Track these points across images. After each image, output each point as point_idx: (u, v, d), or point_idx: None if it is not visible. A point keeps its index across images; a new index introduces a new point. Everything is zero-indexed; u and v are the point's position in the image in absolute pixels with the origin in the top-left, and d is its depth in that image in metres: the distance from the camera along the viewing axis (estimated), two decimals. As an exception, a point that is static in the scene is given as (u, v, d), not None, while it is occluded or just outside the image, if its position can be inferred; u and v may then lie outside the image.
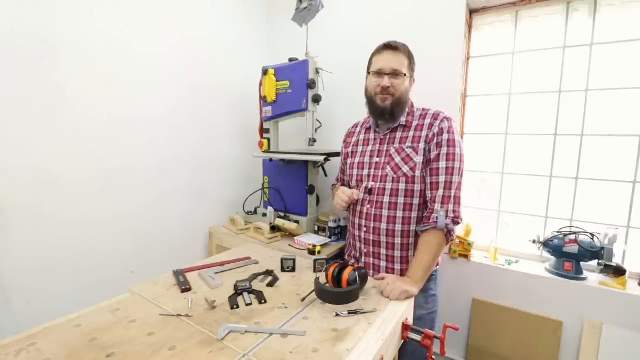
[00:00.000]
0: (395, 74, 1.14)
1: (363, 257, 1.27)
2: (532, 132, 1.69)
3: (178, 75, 1.74)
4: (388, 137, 1.23)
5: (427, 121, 1.17)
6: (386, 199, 1.17)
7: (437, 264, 1.24)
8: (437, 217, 1.08)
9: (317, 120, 1.88)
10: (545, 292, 1.55)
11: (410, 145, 1.17)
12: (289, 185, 1.84)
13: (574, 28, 1.56)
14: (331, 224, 1.67)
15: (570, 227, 1.59)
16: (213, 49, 1.93)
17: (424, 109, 1.23)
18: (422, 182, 1.15)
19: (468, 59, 1.79)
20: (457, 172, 1.11)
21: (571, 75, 1.58)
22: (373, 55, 1.22)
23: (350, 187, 1.33)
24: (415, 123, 1.20)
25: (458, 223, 1.10)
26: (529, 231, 1.70)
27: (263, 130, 1.91)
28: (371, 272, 1.23)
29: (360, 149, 1.30)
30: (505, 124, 1.75)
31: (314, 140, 1.73)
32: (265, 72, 1.78)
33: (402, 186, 1.15)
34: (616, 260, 1.43)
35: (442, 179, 1.11)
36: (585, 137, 1.57)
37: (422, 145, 1.15)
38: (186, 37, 1.76)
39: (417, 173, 1.14)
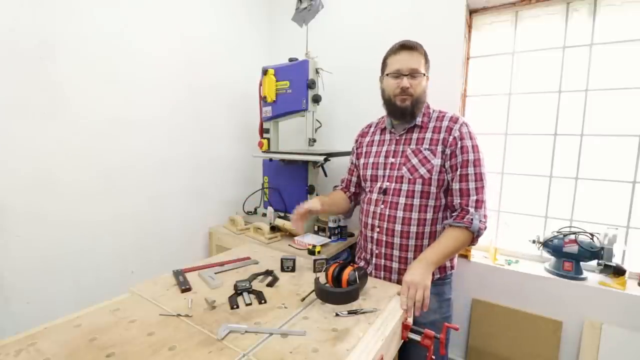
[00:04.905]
0: (413, 74, 1.13)
1: (374, 259, 1.23)
2: (532, 132, 1.69)
3: (178, 75, 1.74)
4: (404, 137, 1.21)
5: (445, 124, 1.16)
6: (402, 200, 1.16)
7: (452, 267, 1.23)
8: (472, 219, 1.07)
9: (317, 120, 1.88)
10: (545, 292, 1.55)
11: (427, 147, 1.16)
12: (289, 185, 1.84)
13: (574, 28, 1.56)
14: (331, 224, 1.67)
15: (570, 227, 1.59)
16: (213, 49, 1.93)
17: (440, 111, 1.22)
18: (438, 184, 1.14)
19: (468, 59, 1.79)
20: (483, 177, 1.12)
21: (571, 75, 1.58)
22: (388, 55, 1.19)
23: (362, 187, 1.33)
24: (431, 125, 1.18)
25: (485, 228, 1.10)
26: (528, 231, 1.70)
27: (263, 130, 1.91)
28: (382, 272, 1.21)
29: (374, 149, 1.28)
30: (505, 124, 1.75)
31: (314, 140, 1.73)
32: (265, 72, 1.78)
33: (418, 187, 1.14)
34: (616, 260, 1.43)
35: (472, 185, 1.11)
36: (585, 137, 1.57)
37: (440, 148, 1.14)
38: (186, 37, 1.76)
39: (434, 175, 1.13)
